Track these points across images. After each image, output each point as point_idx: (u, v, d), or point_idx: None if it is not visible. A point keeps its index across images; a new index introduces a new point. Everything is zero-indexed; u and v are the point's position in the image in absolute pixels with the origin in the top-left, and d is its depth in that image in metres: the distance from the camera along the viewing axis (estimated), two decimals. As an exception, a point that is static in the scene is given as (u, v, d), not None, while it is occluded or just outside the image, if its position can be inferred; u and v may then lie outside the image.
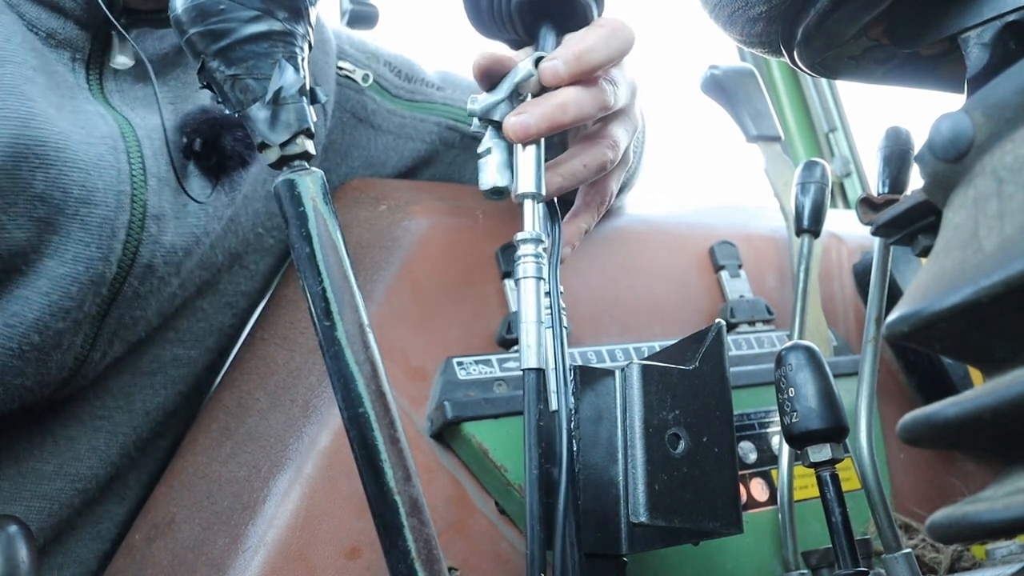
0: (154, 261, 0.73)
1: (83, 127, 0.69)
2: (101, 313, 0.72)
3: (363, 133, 0.97)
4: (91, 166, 0.68)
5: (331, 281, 0.46)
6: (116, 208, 0.69)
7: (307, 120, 0.50)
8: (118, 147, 0.70)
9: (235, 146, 0.74)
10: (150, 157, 0.72)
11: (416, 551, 0.42)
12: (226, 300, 0.86)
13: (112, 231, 0.69)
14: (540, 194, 0.62)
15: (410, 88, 0.98)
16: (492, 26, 0.69)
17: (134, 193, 0.70)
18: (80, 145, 0.67)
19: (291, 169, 0.49)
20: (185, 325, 0.84)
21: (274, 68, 0.49)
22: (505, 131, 0.62)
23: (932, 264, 0.35)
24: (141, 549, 0.72)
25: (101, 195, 0.68)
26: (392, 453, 0.44)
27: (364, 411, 0.44)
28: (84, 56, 0.73)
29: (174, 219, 0.74)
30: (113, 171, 0.69)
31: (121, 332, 0.75)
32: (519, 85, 0.64)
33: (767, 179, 1.11)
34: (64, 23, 0.71)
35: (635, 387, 0.60)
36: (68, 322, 0.69)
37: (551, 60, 0.63)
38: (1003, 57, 0.47)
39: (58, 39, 0.71)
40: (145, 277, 0.73)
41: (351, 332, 0.45)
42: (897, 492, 0.93)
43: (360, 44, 0.97)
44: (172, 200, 0.74)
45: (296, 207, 0.47)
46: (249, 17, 0.48)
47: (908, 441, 0.34)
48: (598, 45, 0.63)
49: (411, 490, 0.44)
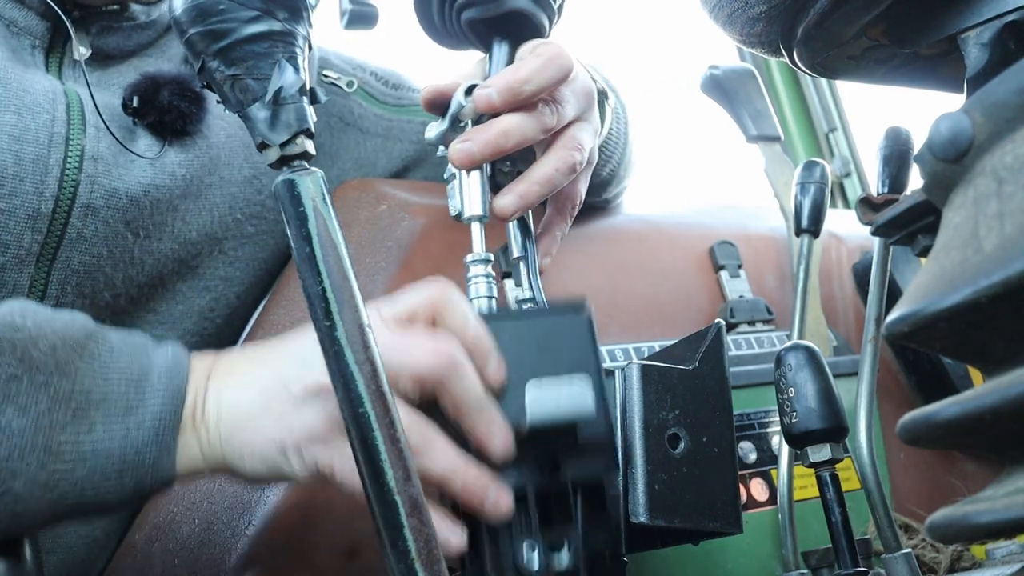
0: (94, 202, 0.77)
1: (27, 81, 0.76)
2: (48, 255, 0.76)
3: (351, 136, 1.00)
4: (25, 109, 0.74)
5: (331, 281, 0.46)
6: (48, 147, 0.75)
7: (307, 120, 0.50)
8: (57, 99, 0.76)
9: (171, 99, 0.80)
10: (90, 111, 0.78)
11: (416, 551, 0.42)
12: (204, 283, 0.88)
13: (45, 167, 0.74)
14: (486, 216, 0.65)
15: (396, 95, 1.03)
16: (446, 37, 0.71)
17: (70, 136, 0.76)
18: (17, 92, 0.74)
19: (291, 169, 0.49)
20: (164, 307, 0.86)
21: (274, 68, 0.49)
22: (450, 158, 0.65)
23: (932, 264, 0.35)
24: (141, 549, 0.72)
25: (32, 134, 0.74)
26: (392, 453, 0.44)
27: (364, 411, 0.44)
28: (44, 44, 0.80)
29: (116, 165, 0.78)
30: (47, 115, 0.75)
31: (71, 278, 0.78)
32: (455, 115, 0.66)
33: (767, 179, 1.11)
34: (25, 13, 0.79)
35: (635, 387, 0.60)
36: (8, 257, 0.74)
37: (485, 88, 0.65)
38: (1003, 57, 0.47)
39: (19, 27, 0.79)
40: (88, 218, 0.77)
41: (351, 332, 0.45)
42: (897, 492, 0.93)
43: (347, 57, 1.02)
44: (113, 149, 0.79)
45: (296, 207, 0.47)
46: (249, 17, 0.48)
47: (908, 441, 0.34)
48: (532, 76, 0.65)
49: (411, 490, 0.44)
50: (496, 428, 0.54)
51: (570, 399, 0.55)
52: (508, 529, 0.54)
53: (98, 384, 0.54)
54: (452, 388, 0.54)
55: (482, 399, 0.54)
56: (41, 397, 0.52)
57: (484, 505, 0.53)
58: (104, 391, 0.54)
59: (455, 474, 0.53)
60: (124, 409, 0.54)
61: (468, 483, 0.53)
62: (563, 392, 0.55)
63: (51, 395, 0.53)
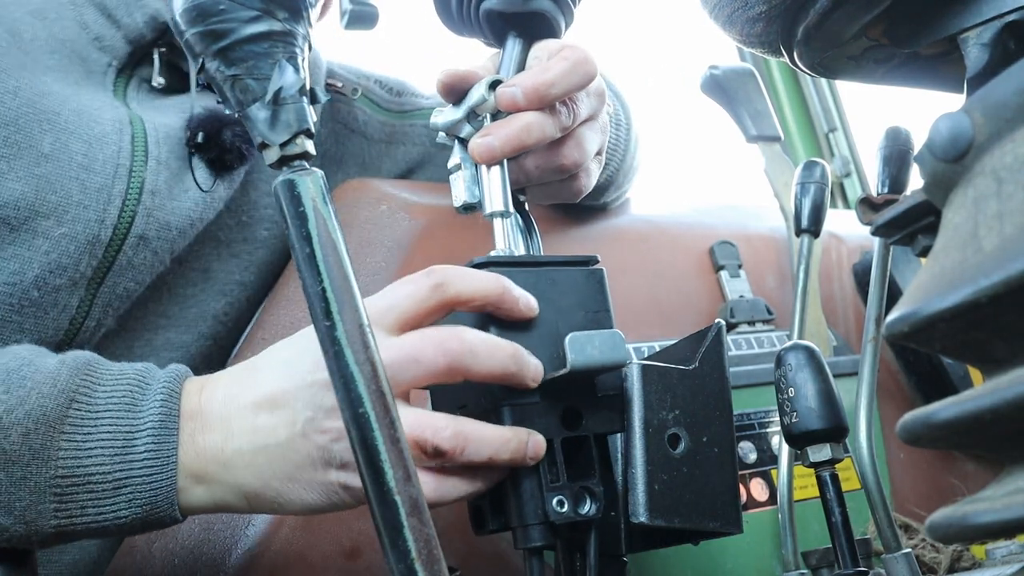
0: (148, 233, 0.79)
1: (96, 109, 0.78)
2: (98, 279, 0.77)
3: (356, 142, 1.01)
4: (94, 139, 0.76)
5: (331, 281, 0.46)
6: (113, 177, 0.77)
7: (307, 120, 0.50)
8: (123, 129, 0.79)
9: (234, 140, 0.81)
10: (153, 143, 0.80)
11: (416, 551, 0.42)
12: (219, 288, 0.89)
13: (108, 197, 0.76)
14: (509, 212, 0.65)
15: (399, 101, 1.04)
16: (462, 26, 0.71)
17: (133, 168, 0.78)
18: (88, 122, 0.77)
19: (291, 169, 0.49)
20: (177, 311, 0.86)
21: (274, 68, 0.49)
22: (471, 153, 0.65)
23: (932, 264, 0.35)
24: (141, 549, 0.72)
25: (100, 164, 0.76)
26: (392, 453, 0.44)
27: (364, 411, 0.44)
28: (120, 64, 0.83)
29: (171, 199, 0.80)
30: (114, 146, 0.77)
31: (114, 302, 0.80)
32: (474, 108, 0.66)
33: (767, 179, 1.11)
34: (115, 33, 0.82)
35: (635, 387, 0.60)
36: (65, 279, 0.75)
37: (510, 87, 0.65)
38: (1003, 57, 0.47)
39: (103, 44, 0.82)
40: (139, 247, 0.79)
41: (351, 332, 0.45)
42: (897, 492, 0.93)
43: (351, 68, 1.03)
44: (170, 182, 0.80)
45: (296, 207, 0.47)
46: (249, 17, 0.48)
47: (907, 441, 0.34)
48: (559, 80, 0.65)
49: (411, 490, 0.44)
50: (527, 371, 0.56)
51: (608, 346, 0.57)
52: (535, 480, 0.57)
53: (82, 463, 0.53)
54: (473, 370, 0.55)
55: (507, 363, 0.55)
56: (22, 493, 0.52)
57: (524, 457, 0.55)
58: (88, 470, 0.53)
59: (503, 448, 0.55)
60: (112, 486, 0.53)
61: (512, 449, 0.55)
62: (600, 339, 0.57)
63: (31, 488, 0.52)
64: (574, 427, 0.59)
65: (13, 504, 0.52)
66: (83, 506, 0.53)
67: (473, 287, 0.57)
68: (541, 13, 0.67)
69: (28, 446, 0.52)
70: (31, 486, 0.52)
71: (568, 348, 0.56)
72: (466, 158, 0.66)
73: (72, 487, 0.52)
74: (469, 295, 0.57)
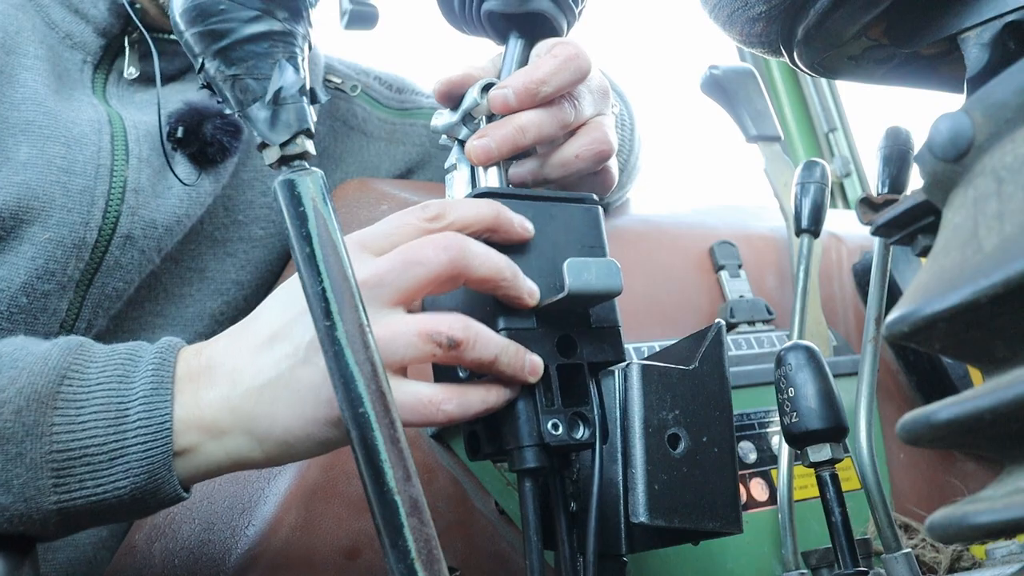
0: (133, 232, 0.79)
1: (73, 111, 0.78)
2: (86, 281, 0.78)
3: (355, 140, 1.01)
4: (73, 141, 0.76)
5: (331, 281, 0.46)
6: (95, 178, 0.77)
7: (307, 120, 0.50)
8: (102, 129, 0.79)
9: (215, 133, 0.81)
10: (133, 140, 0.80)
11: (416, 551, 0.42)
12: (216, 287, 0.89)
13: (91, 198, 0.77)
14: None
15: (400, 99, 1.04)
16: (464, 25, 0.71)
17: (114, 167, 0.78)
18: (66, 124, 0.76)
19: (291, 169, 0.49)
20: (174, 311, 0.86)
21: (274, 68, 0.49)
22: (468, 155, 0.65)
23: (932, 264, 0.35)
24: (141, 549, 0.72)
25: (80, 166, 0.76)
26: (392, 453, 0.44)
27: (364, 411, 0.44)
28: (95, 60, 0.83)
29: (155, 197, 0.80)
30: (94, 147, 0.77)
31: (104, 303, 0.80)
32: (469, 111, 0.66)
33: (767, 179, 1.11)
34: (84, 28, 0.82)
35: (635, 387, 0.60)
36: (53, 284, 0.75)
37: (502, 89, 0.64)
38: (1003, 57, 0.47)
39: (74, 41, 0.82)
40: (126, 247, 0.79)
41: (351, 332, 0.45)
42: (897, 492, 0.93)
43: (351, 64, 1.03)
44: (153, 179, 0.81)
45: (296, 207, 0.47)
46: (249, 17, 0.48)
47: (907, 441, 0.34)
48: (549, 77, 0.64)
49: (411, 490, 0.44)
50: (524, 284, 0.58)
51: (605, 273, 0.59)
52: (531, 403, 0.58)
53: (77, 437, 0.53)
54: (474, 272, 0.55)
55: (504, 267, 0.57)
56: (19, 470, 0.52)
57: (524, 372, 0.57)
58: (83, 443, 0.53)
59: (504, 352, 0.56)
60: (108, 457, 0.53)
61: (511, 357, 0.56)
62: (596, 266, 0.59)
63: (27, 464, 0.52)
64: (569, 355, 0.61)
65: (11, 482, 0.52)
66: (81, 479, 0.53)
67: (471, 212, 0.58)
68: (540, 13, 0.67)
69: (21, 423, 0.52)
70: (27, 462, 0.52)
71: (566, 272, 0.57)
72: (463, 158, 0.66)
73: (68, 461, 0.52)
74: (466, 221, 0.57)
